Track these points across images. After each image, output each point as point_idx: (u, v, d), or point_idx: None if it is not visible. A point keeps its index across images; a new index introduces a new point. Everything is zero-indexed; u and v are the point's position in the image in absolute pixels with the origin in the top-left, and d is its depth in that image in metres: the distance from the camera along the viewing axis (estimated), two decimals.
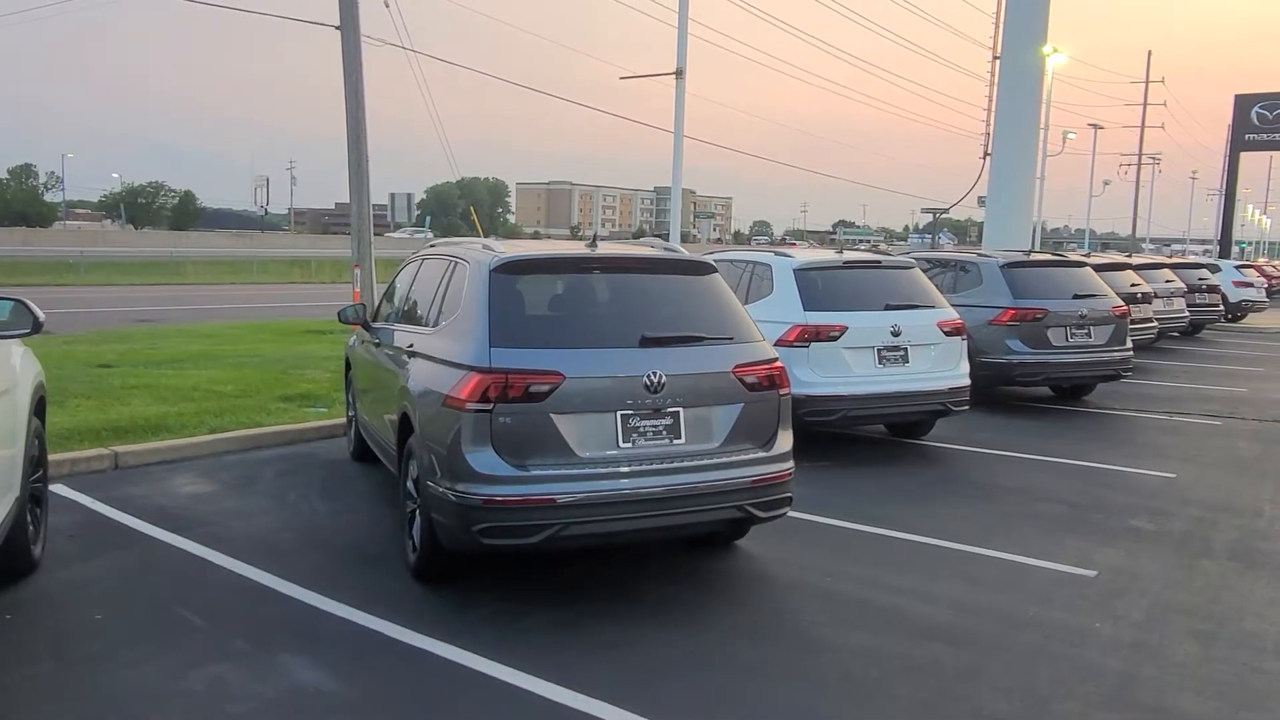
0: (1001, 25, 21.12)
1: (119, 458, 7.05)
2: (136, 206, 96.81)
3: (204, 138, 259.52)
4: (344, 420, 8.17)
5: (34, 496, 4.89)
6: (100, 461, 6.95)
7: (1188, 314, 17.91)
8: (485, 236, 8.60)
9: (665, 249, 5.64)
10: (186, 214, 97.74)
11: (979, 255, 11.56)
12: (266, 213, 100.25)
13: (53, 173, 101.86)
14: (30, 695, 3.69)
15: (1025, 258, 11.50)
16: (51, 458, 5.85)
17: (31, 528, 4.79)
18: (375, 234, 14.04)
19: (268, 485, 6.74)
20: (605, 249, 5.15)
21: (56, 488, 6.14)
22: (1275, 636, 4.51)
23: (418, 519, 4.87)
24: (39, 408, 5.08)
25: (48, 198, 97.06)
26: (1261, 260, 43.25)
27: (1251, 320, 26.20)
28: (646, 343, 4.64)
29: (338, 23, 12.89)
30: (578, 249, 5.26)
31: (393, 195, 21.52)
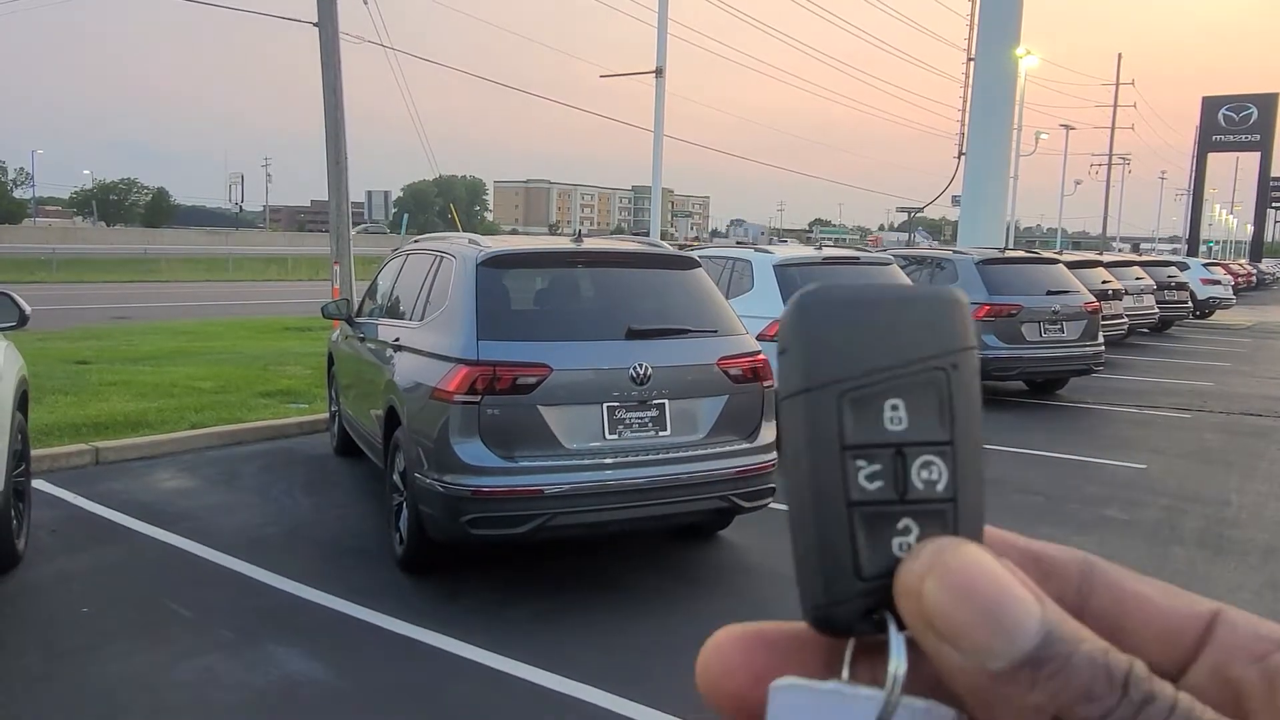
0: (976, 28, 21.38)
1: (99, 453, 7.01)
2: (108, 203, 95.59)
3: (178, 134, 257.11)
4: (326, 416, 8.16)
5: (16, 491, 4.87)
6: (80, 457, 6.92)
7: (1157, 310, 18.24)
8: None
9: (647, 243, 5.71)
10: (160, 211, 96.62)
11: (955, 252, 11.72)
12: (242, 210, 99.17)
13: (22, 169, 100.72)
14: (20, 687, 3.70)
15: (1000, 255, 11.69)
16: (31, 453, 5.81)
17: (14, 522, 4.78)
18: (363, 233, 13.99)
19: (251, 480, 6.74)
20: (590, 244, 5.21)
21: (37, 483, 6.10)
22: None
23: (405, 511, 4.90)
24: (21, 402, 5.06)
25: (17, 194, 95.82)
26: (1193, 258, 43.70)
27: (1219, 317, 26.71)
28: (632, 335, 4.70)
29: (315, 19, 12.84)
30: (563, 244, 5.31)
31: (369, 193, 21.43)
